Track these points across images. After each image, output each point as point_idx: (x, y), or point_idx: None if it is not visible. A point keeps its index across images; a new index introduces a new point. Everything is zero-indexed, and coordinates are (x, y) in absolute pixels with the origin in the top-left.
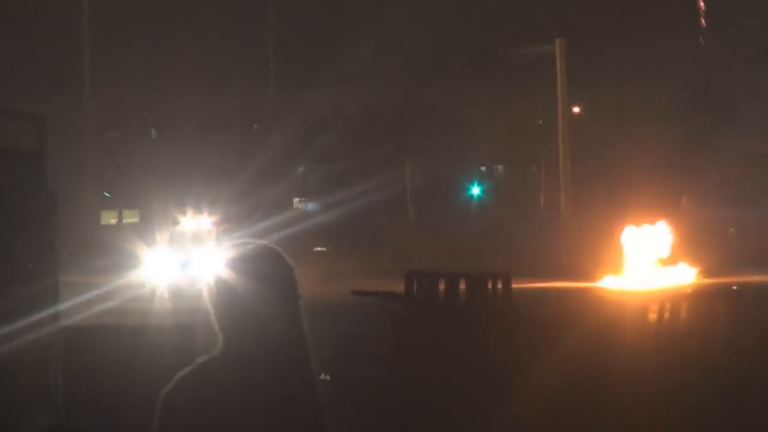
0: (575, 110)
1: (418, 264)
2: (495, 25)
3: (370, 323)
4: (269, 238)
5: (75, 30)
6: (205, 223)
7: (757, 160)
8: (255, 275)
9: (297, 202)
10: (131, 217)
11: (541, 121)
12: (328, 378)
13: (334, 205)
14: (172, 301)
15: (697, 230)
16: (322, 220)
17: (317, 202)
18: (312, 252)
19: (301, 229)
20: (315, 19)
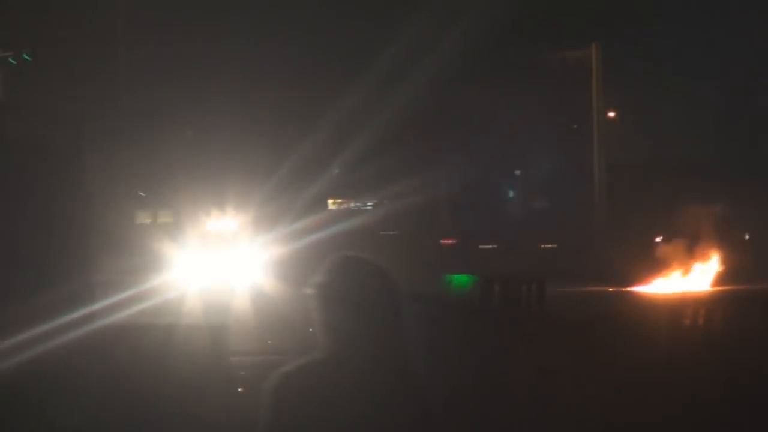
0: (611, 115)
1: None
2: (532, 26)
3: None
4: (303, 239)
5: (111, 28)
6: (238, 223)
7: None
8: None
9: (331, 203)
10: (165, 218)
11: (576, 125)
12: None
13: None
14: (204, 301)
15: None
16: (360, 221)
17: (360, 203)
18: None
19: (338, 230)
20: (349, 19)
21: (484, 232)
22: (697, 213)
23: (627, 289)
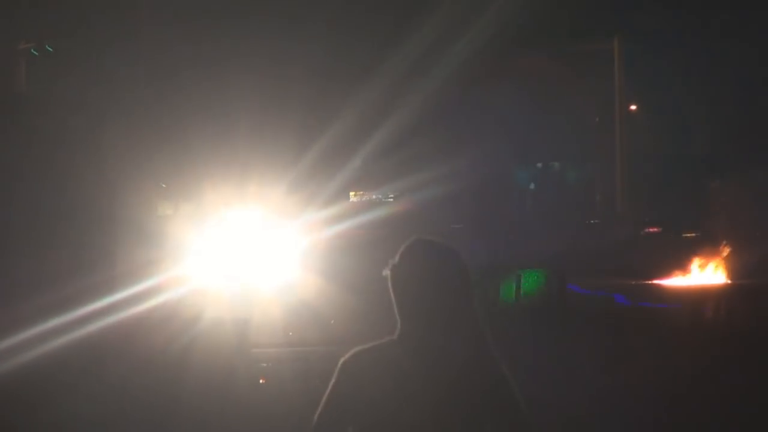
0: (632, 108)
1: (474, 258)
2: (553, 18)
3: None
4: (328, 231)
5: (131, 17)
6: (263, 214)
7: None
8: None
9: (353, 195)
10: (187, 209)
11: (598, 118)
12: None
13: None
14: (227, 294)
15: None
16: (383, 213)
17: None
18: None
19: (361, 222)
20: (370, 11)
21: (505, 225)
22: (717, 207)
23: (648, 282)
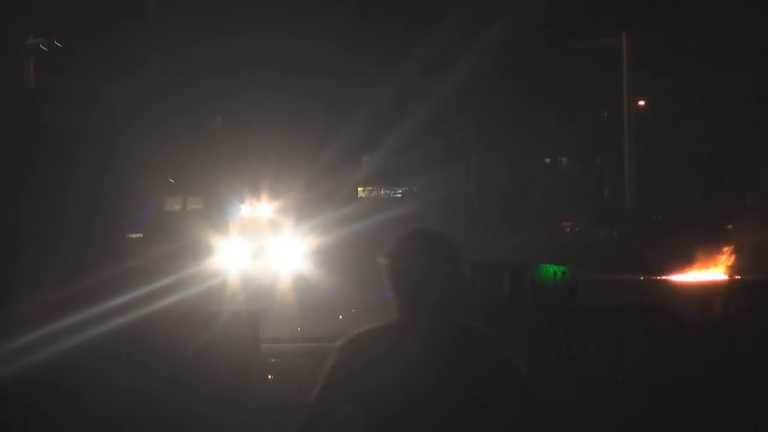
0: (641, 103)
1: (485, 254)
2: (560, 13)
3: None
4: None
5: (142, 14)
6: (273, 210)
7: None
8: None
9: (361, 192)
10: (195, 204)
11: (606, 113)
12: None
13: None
14: (244, 289)
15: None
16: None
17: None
18: None
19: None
20: (378, 11)
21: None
22: (727, 202)
23: (658, 277)
